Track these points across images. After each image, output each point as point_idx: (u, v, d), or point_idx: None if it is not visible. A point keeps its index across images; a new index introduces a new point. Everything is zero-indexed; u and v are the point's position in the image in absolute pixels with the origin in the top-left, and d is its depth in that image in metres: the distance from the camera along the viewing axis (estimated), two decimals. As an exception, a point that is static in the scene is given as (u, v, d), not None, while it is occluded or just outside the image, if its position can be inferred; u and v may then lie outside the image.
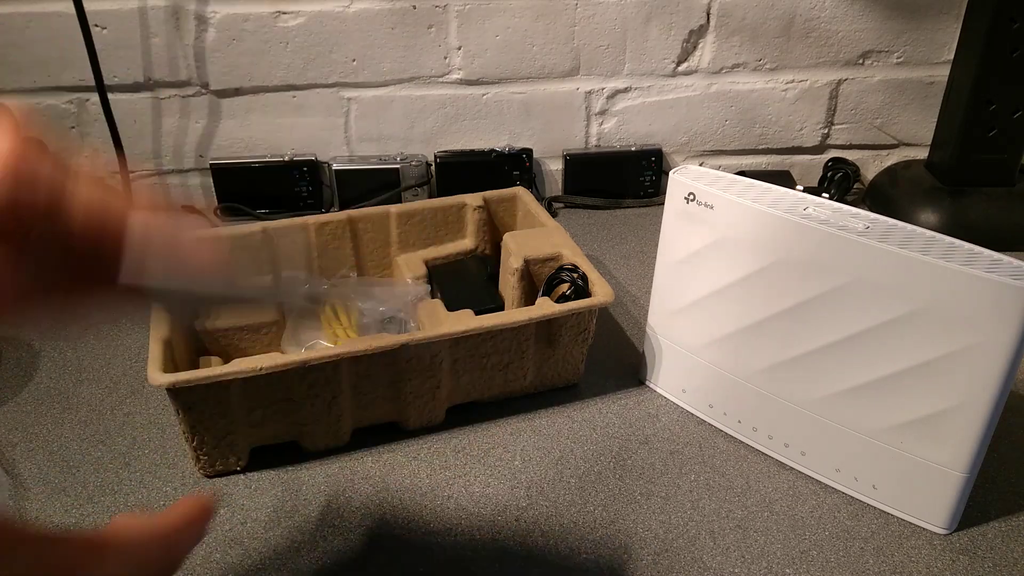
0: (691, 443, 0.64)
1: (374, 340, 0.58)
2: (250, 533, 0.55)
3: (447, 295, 0.70)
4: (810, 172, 1.08)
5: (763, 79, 1.01)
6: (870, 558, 0.54)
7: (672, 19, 0.97)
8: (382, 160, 0.97)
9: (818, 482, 0.60)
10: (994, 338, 0.48)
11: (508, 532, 0.55)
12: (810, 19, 0.98)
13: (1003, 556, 0.54)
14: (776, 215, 0.55)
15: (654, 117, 1.02)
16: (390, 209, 0.76)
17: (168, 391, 0.54)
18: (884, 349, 0.53)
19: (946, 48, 1.00)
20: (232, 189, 0.96)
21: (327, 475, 0.60)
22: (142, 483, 0.59)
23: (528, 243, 0.70)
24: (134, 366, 0.72)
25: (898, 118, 1.05)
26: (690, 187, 0.59)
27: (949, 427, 0.52)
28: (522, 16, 0.94)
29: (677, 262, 0.62)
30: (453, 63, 0.96)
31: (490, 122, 1.00)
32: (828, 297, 0.54)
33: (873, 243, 0.51)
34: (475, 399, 0.66)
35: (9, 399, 0.68)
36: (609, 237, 0.95)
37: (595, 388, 0.69)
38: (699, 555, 0.54)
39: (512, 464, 0.61)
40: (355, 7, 0.92)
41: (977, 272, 0.47)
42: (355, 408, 0.61)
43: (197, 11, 0.90)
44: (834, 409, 0.57)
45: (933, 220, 0.91)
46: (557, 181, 1.05)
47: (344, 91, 0.97)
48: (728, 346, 0.61)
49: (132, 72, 0.93)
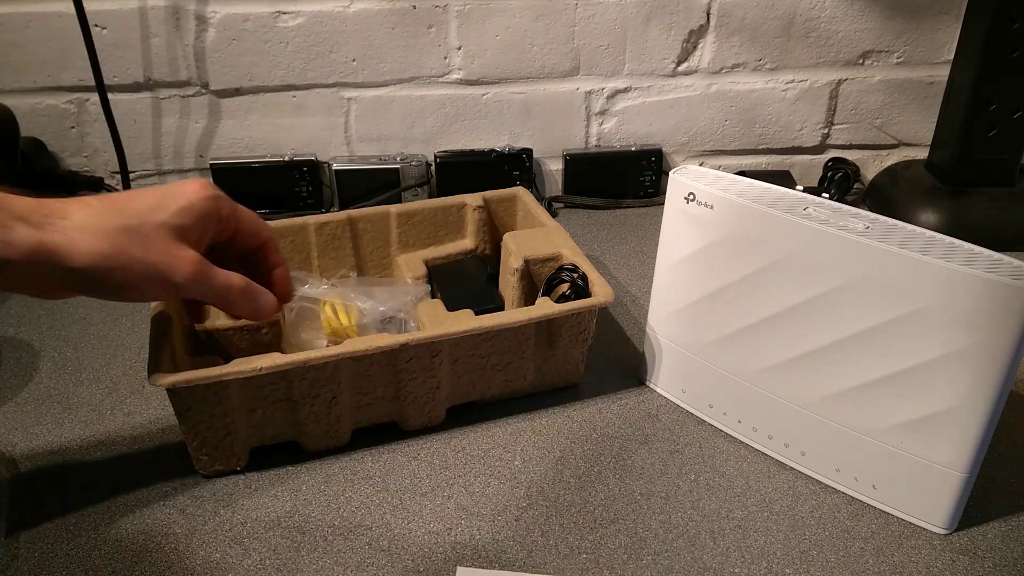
0: (691, 443, 0.64)
1: (374, 340, 0.58)
2: (250, 533, 0.55)
3: (447, 295, 0.70)
4: (810, 172, 1.08)
5: (763, 79, 1.01)
6: (870, 558, 0.54)
7: (672, 19, 0.97)
8: (382, 160, 0.97)
9: (818, 482, 0.60)
10: (994, 338, 0.48)
11: (508, 532, 0.55)
12: (810, 19, 0.98)
13: (1003, 556, 0.54)
14: (776, 215, 0.55)
15: (654, 117, 1.02)
16: (390, 209, 0.76)
17: (168, 391, 0.54)
18: (884, 349, 0.53)
19: (946, 48, 1.00)
20: (232, 189, 0.94)
21: (327, 475, 0.60)
22: (142, 483, 0.59)
23: (528, 243, 0.70)
24: (134, 366, 0.72)
25: (898, 118, 1.05)
26: (690, 187, 0.59)
27: (949, 427, 0.52)
28: (522, 16, 0.95)
29: (677, 262, 0.62)
30: (453, 63, 0.96)
31: (490, 122, 1.00)
32: (828, 297, 0.54)
33: (873, 243, 0.51)
34: (475, 399, 0.66)
35: (9, 399, 0.68)
36: (609, 237, 0.95)
37: (595, 388, 0.69)
38: (699, 555, 0.54)
39: (512, 464, 0.61)
40: (355, 7, 0.92)
41: (977, 272, 0.47)
42: (355, 408, 0.61)
43: (197, 11, 0.90)
44: (834, 409, 0.57)
45: (933, 220, 0.91)
46: (557, 181, 1.05)
47: (344, 91, 0.97)
48: (728, 346, 0.61)
49: (132, 72, 0.93)
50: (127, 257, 0.45)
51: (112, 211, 0.46)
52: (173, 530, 0.55)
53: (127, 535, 0.55)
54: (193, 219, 0.49)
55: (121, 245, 0.45)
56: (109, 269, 0.45)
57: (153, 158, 0.98)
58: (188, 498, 0.58)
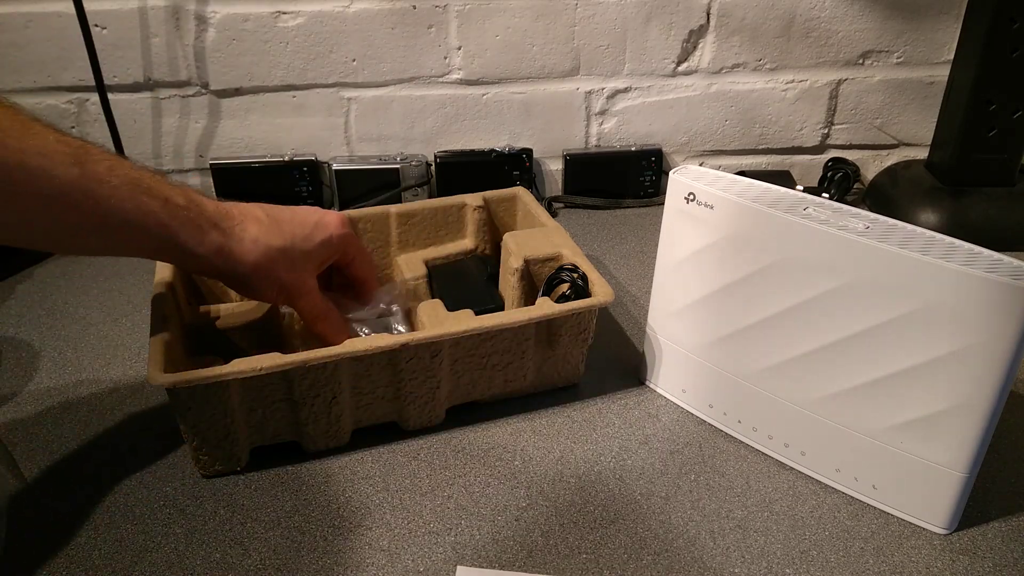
0: (691, 443, 0.64)
1: (374, 340, 0.58)
2: (250, 533, 0.55)
3: (447, 295, 0.70)
4: (810, 172, 1.08)
5: (763, 79, 1.01)
6: (870, 558, 0.54)
7: (672, 19, 0.97)
8: (382, 160, 0.97)
9: (818, 482, 0.60)
10: (994, 338, 0.48)
11: (508, 532, 0.55)
12: (810, 19, 0.98)
13: (1003, 556, 0.54)
14: (776, 215, 0.55)
15: (654, 117, 1.02)
16: (390, 209, 0.76)
17: (168, 391, 0.54)
18: (884, 349, 0.53)
19: (946, 48, 1.00)
20: (232, 189, 0.96)
21: (327, 475, 0.60)
22: (142, 483, 0.59)
23: (528, 243, 0.70)
24: (134, 366, 0.72)
25: (898, 118, 1.05)
26: (690, 187, 0.59)
27: (949, 427, 0.52)
28: (522, 16, 0.95)
29: (677, 262, 0.62)
30: (453, 63, 0.96)
31: (490, 122, 1.00)
32: (828, 297, 0.54)
33: (873, 243, 0.51)
34: (475, 399, 0.66)
35: (9, 399, 0.68)
36: (609, 237, 0.95)
37: (595, 388, 0.69)
38: (699, 555, 0.54)
39: (512, 464, 0.61)
40: (355, 7, 0.92)
41: (977, 272, 0.47)
42: (355, 408, 0.61)
43: (197, 11, 0.90)
44: (834, 409, 0.57)
45: (933, 220, 0.91)
46: (557, 181, 1.05)
47: (344, 91, 0.97)
48: (728, 346, 0.61)
49: (132, 72, 0.93)
50: (275, 274, 0.57)
51: (275, 230, 0.57)
52: (173, 530, 0.55)
53: (127, 535, 0.55)
54: (329, 252, 0.61)
55: (275, 262, 0.57)
56: (259, 278, 0.57)
57: (153, 158, 0.98)
58: (188, 498, 0.58)
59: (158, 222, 0.52)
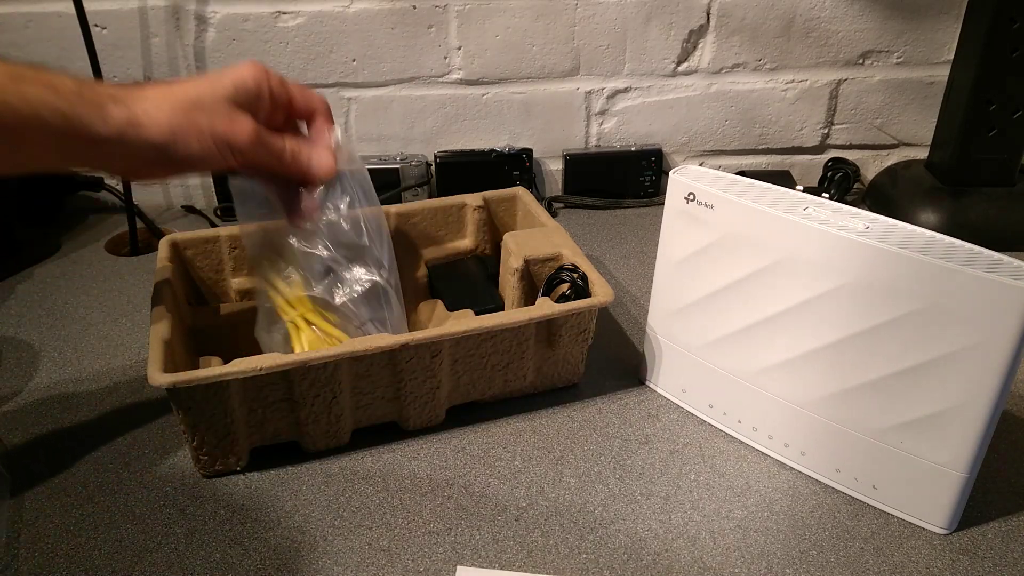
0: (691, 443, 0.64)
1: (374, 340, 0.58)
2: (250, 533, 0.55)
3: (447, 295, 0.70)
4: (810, 172, 1.08)
5: (763, 79, 1.01)
6: (870, 558, 0.54)
7: (672, 19, 0.97)
8: (382, 160, 0.97)
9: (818, 482, 0.60)
10: (994, 338, 0.48)
11: (508, 532, 0.55)
12: (810, 19, 0.98)
13: (1003, 556, 0.54)
14: (776, 215, 0.55)
15: (654, 117, 1.02)
16: (390, 209, 0.76)
17: (168, 391, 0.54)
18: (884, 349, 0.53)
19: (946, 48, 1.00)
20: (232, 189, 0.96)
21: (327, 475, 0.60)
22: (142, 483, 0.59)
23: (528, 243, 0.70)
24: (134, 366, 0.72)
25: (898, 118, 1.05)
26: (690, 187, 0.59)
27: (949, 427, 0.52)
28: (522, 16, 0.95)
29: (677, 262, 0.62)
30: (453, 63, 0.96)
31: (490, 122, 1.00)
32: (828, 297, 0.54)
33: (873, 243, 0.51)
34: (475, 399, 0.66)
35: (9, 399, 0.68)
36: (609, 237, 0.95)
37: (595, 388, 0.69)
38: (699, 555, 0.54)
39: (512, 464, 0.61)
40: (355, 7, 0.92)
41: (977, 272, 0.47)
42: (355, 408, 0.61)
43: (197, 11, 0.90)
44: (834, 409, 0.57)
45: (933, 220, 0.91)
46: (557, 181, 1.05)
47: (344, 91, 0.97)
48: (728, 346, 0.61)
49: (132, 72, 0.93)
50: (196, 127, 0.51)
51: (178, 90, 0.51)
52: (173, 530, 0.55)
53: (127, 535, 0.55)
54: (248, 91, 0.54)
55: (190, 116, 0.51)
56: (183, 135, 0.50)
57: (153, 158, 0.98)
58: (188, 498, 0.58)
59: (52, 108, 0.46)
